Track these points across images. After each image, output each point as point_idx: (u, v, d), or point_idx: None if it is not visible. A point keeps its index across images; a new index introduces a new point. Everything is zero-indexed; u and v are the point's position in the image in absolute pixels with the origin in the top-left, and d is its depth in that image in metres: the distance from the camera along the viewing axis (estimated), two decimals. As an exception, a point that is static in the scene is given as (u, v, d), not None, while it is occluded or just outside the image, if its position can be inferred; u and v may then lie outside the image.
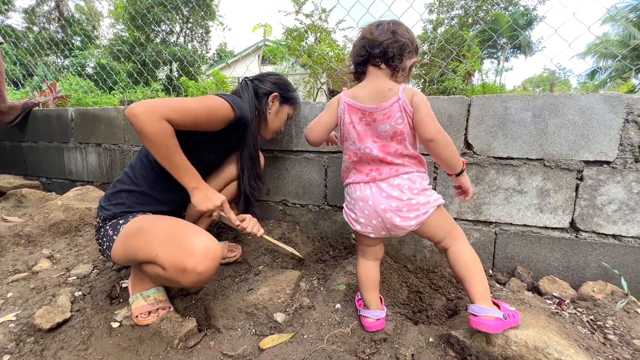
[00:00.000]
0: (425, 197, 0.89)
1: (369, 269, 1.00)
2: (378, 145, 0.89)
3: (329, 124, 0.94)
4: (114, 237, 1.01)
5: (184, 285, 0.92)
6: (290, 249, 1.32)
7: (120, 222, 1.03)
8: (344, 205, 1.02)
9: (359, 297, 1.06)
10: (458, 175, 0.95)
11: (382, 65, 0.90)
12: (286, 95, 1.30)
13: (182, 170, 0.98)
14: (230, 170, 1.31)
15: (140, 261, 0.97)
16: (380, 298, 1.03)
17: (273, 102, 1.27)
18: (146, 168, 1.09)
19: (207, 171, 1.27)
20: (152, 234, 0.95)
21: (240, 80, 1.31)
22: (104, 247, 1.05)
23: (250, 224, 1.13)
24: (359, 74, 0.96)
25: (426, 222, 0.89)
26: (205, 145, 1.14)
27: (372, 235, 0.94)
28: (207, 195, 1.01)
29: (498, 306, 0.86)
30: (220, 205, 1.03)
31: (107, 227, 1.05)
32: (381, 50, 0.87)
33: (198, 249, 0.89)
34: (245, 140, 1.21)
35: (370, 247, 0.99)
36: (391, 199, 0.87)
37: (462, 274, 0.88)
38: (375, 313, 0.97)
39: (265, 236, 1.20)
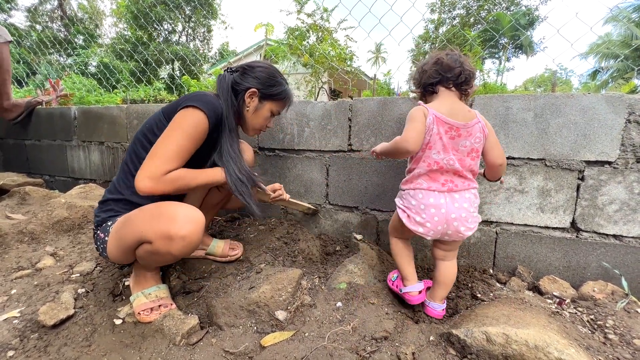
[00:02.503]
0: (477, 213, 1.06)
1: (406, 244, 1.16)
2: (457, 158, 1.00)
3: (423, 132, 1.00)
4: (106, 238, 1.05)
5: (173, 253, 0.93)
6: (306, 204, 1.49)
7: (109, 223, 1.07)
8: (402, 207, 1.08)
9: (392, 279, 1.21)
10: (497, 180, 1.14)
11: (453, 88, 1.04)
12: (267, 91, 1.17)
13: (200, 180, 1.07)
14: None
15: (131, 247, 0.98)
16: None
17: (251, 98, 1.17)
18: (127, 175, 1.10)
19: (195, 167, 1.23)
20: (137, 218, 0.97)
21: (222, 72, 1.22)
22: (100, 250, 1.09)
23: (282, 193, 1.32)
24: (429, 93, 1.09)
25: None
26: None
27: (428, 238, 1.05)
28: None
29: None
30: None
31: (99, 232, 1.09)
32: (453, 75, 1.02)
33: (179, 214, 0.92)
34: (220, 139, 1.14)
35: (410, 235, 1.13)
36: (462, 209, 1.00)
37: (445, 282, 1.11)
38: (416, 286, 1.11)
39: (291, 199, 1.41)
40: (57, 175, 2.51)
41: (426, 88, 1.08)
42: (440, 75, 1.03)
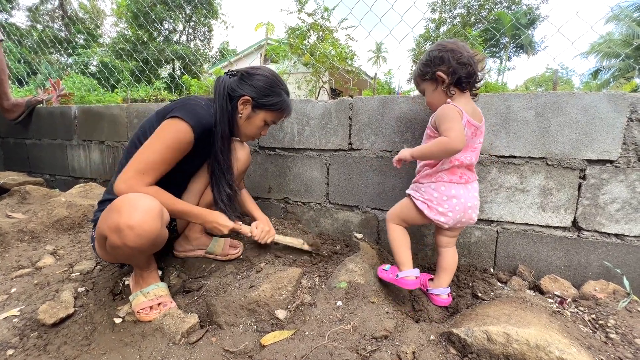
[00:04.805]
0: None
1: (405, 232, 1.20)
2: (469, 155, 1.08)
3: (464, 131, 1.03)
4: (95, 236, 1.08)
5: (128, 245, 0.89)
6: (299, 244, 1.41)
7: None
8: (422, 199, 1.12)
9: (385, 268, 1.22)
10: None
11: (468, 89, 1.07)
12: (262, 100, 1.13)
13: (186, 214, 1.12)
14: (208, 173, 1.29)
15: (103, 245, 0.99)
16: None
17: (244, 105, 1.14)
18: None
19: (187, 178, 1.29)
20: (102, 215, 0.96)
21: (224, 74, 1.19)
22: (92, 246, 1.15)
23: (259, 234, 1.30)
24: (458, 88, 1.05)
25: None
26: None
27: (446, 226, 1.11)
28: (219, 224, 1.17)
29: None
30: (233, 228, 1.21)
31: (93, 232, 1.13)
32: (479, 78, 1.07)
33: (125, 204, 0.88)
34: (213, 146, 1.15)
35: (413, 223, 1.19)
36: (474, 198, 1.11)
37: (451, 267, 1.19)
38: (413, 271, 1.14)
39: (277, 238, 1.37)
40: (58, 175, 2.51)
41: (460, 83, 1.04)
42: (475, 75, 1.04)
